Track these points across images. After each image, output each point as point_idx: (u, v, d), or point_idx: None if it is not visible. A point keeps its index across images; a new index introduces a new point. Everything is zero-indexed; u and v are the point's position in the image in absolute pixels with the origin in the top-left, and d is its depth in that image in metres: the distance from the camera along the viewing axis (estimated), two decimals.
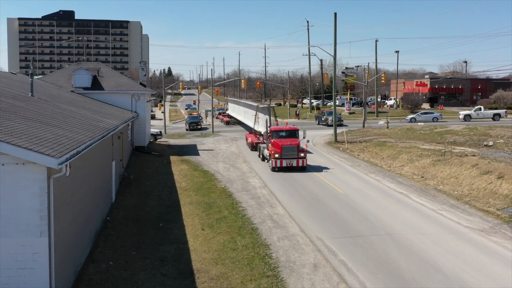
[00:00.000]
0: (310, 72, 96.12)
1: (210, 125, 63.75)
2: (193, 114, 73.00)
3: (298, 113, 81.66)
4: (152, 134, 48.18)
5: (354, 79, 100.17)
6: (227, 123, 71.01)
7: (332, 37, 47.64)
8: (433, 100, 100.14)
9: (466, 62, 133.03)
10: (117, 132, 24.67)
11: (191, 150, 43.10)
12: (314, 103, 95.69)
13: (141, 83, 46.08)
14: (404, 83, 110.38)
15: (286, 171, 31.36)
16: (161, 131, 52.93)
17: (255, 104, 48.81)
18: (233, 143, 47.53)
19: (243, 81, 73.06)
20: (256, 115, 45.05)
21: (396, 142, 42.22)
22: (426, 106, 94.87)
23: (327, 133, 54.46)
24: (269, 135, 34.27)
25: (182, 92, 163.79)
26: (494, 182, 24.57)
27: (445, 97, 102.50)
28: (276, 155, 31.70)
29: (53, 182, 11.41)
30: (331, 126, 54.03)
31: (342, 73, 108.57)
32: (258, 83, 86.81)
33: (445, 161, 30.48)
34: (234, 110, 68.21)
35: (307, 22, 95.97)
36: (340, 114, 70.61)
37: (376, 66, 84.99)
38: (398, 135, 48.12)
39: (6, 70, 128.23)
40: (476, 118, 68.41)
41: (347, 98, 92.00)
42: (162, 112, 67.34)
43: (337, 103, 70.41)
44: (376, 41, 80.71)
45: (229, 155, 39.81)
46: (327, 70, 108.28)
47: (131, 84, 43.21)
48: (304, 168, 31.88)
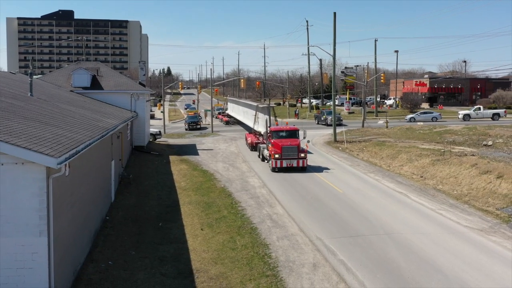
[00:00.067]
0: (309, 71, 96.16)
1: (209, 124, 63.76)
2: (192, 113, 73.01)
3: (297, 112, 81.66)
4: (151, 134, 48.16)
5: (353, 79, 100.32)
6: (227, 123, 70.97)
7: (331, 36, 47.75)
8: (432, 99, 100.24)
9: (465, 61, 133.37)
10: (116, 131, 24.67)
11: (191, 149, 43.10)
12: (314, 103, 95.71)
13: (140, 83, 46.07)
14: (403, 83, 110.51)
15: (286, 172, 31.35)
16: (160, 131, 52.92)
17: (255, 104, 48.71)
18: (232, 143, 47.53)
19: (243, 80, 72.91)
20: (255, 115, 44.98)
21: (395, 141, 42.23)
22: (425, 105, 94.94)
23: (327, 132, 54.46)
24: (269, 135, 34.11)
25: (182, 91, 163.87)
26: (493, 181, 24.59)
27: (444, 96, 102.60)
28: (276, 156, 31.56)
29: (52, 182, 11.40)
30: (331, 125, 54.09)
31: (342, 72, 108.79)
32: (258, 83, 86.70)
33: (444, 160, 30.50)
34: (233, 110, 68.15)
35: (307, 21, 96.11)
36: (339, 114, 70.63)
37: (375, 66, 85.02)
38: (398, 135, 48.12)
39: (5, 70, 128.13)
40: (475, 118, 68.45)
41: (347, 98, 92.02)
42: (162, 111, 67.31)
43: (336, 103, 70.56)
44: (375, 40, 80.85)
45: (228, 155, 39.81)
46: (327, 69, 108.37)
47: (131, 83, 43.20)
48: (304, 168, 31.79)
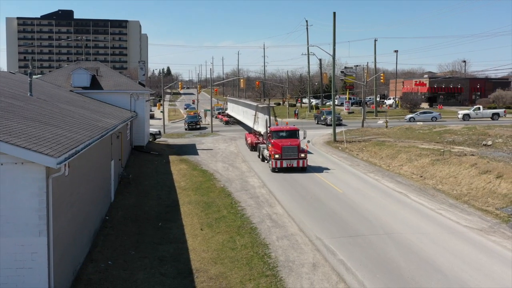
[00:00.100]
0: (309, 71, 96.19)
1: (209, 124, 63.75)
2: (192, 113, 73.00)
3: (297, 112, 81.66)
4: (151, 134, 48.18)
5: (353, 79, 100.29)
6: (227, 123, 70.94)
7: (331, 36, 47.79)
8: (432, 99, 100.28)
9: (465, 61, 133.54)
10: (116, 131, 24.67)
11: (190, 149, 43.09)
12: (313, 103, 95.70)
13: (140, 83, 46.05)
14: (403, 83, 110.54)
15: (286, 172, 31.28)
16: (160, 131, 52.94)
17: (255, 103, 48.62)
18: (232, 143, 47.53)
19: (242, 80, 72.88)
20: (255, 115, 44.92)
21: (395, 141, 42.23)
22: (425, 105, 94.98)
23: (326, 132, 54.46)
24: (269, 136, 34.00)
25: (181, 91, 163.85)
26: (493, 181, 24.58)
27: (444, 96, 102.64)
28: (276, 156, 31.45)
29: (52, 182, 11.40)
30: (330, 125, 54.09)
31: (341, 72, 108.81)
32: (257, 83, 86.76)
33: (444, 160, 30.50)
34: (233, 109, 68.10)
35: (306, 21, 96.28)
36: (339, 114, 70.67)
37: (375, 66, 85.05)
38: (397, 135, 48.12)
39: (5, 70, 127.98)
40: (475, 118, 68.48)
41: (346, 98, 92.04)
42: (161, 111, 67.31)
43: (336, 103, 70.59)
44: (375, 40, 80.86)
45: (228, 155, 39.80)
46: (326, 69, 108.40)
47: (130, 83, 43.20)
48: (304, 169, 31.68)
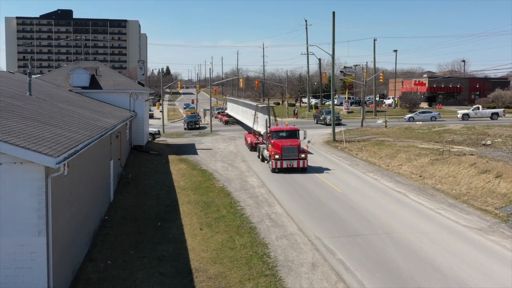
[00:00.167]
0: (308, 71, 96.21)
1: (208, 124, 63.74)
2: (191, 113, 72.98)
3: (296, 112, 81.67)
4: (150, 133, 48.17)
5: (352, 78, 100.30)
6: (226, 123, 70.91)
7: (330, 36, 47.73)
8: (431, 99, 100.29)
9: (464, 61, 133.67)
10: (115, 131, 24.66)
11: (190, 149, 43.09)
12: (313, 102, 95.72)
13: (139, 82, 46.05)
14: (402, 82, 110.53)
15: (286, 172, 31.18)
16: (159, 130, 52.93)
17: (254, 103, 48.52)
18: (231, 143, 47.52)
19: (242, 80, 72.89)
20: (255, 115, 44.81)
21: (394, 141, 42.25)
22: (424, 105, 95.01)
23: (326, 132, 54.47)
24: (269, 136, 33.83)
25: (181, 91, 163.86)
26: (492, 181, 24.60)
27: (443, 96, 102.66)
28: (276, 156, 31.24)
29: (51, 181, 11.40)
30: (330, 125, 54.09)
31: (341, 72, 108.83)
32: (257, 82, 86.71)
33: (443, 160, 30.51)
34: (233, 109, 68.05)
35: (306, 21, 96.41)
36: (338, 113, 70.69)
37: (374, 65, 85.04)
38: (396, 134, 48.15)
39: (4, 69, 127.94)
40: (474, 117, 68.52)
41: (346, 97, 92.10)
42: (161, 111, 67.27)
43: (335, 102, 70.59)
44: (374, 40, 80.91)
45: (227, 154, 39.80)
46: (326, 69, 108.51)
47: (129, 83, 43.19)
48: (305, 169, 31.49)
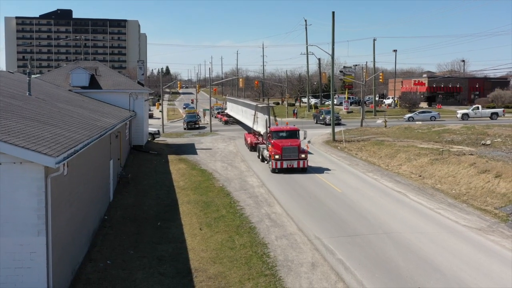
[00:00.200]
0: (308, 71, 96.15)
1: (208, 124, 63.73)
2: (190, 112, 72.99)
3: (296, 112, 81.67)
4: (150, 133, 48.17)
5: (352, 78, 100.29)
6: (226, 122, 70.89)
7: (330, 36, 47.74)
8: (431, 99, 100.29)
9: (464, 61, 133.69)
10: (115, 131, 24.65)
11: (189, 149, 43.08)
12: (312, 102, 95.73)
13: (139, 82, 46.01)
14: (402, 82, 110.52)
15: (286, 172, 31.09)
16: (159, 130, 52.94)
17: (254, 103, 48.46)
18: (231, 142, 47.52)
19: (241, 80, 72.82)
20: (255, 115, 44.74)
21: (394, 141, 42.25)
22: (424, 105, 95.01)
23: (325, 132, 54.47)
24: (269, 136, 33.72)
25: (180, 91, 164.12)
26: (492, 181, 24.60)
27: (443, 96, 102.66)
28: (276, 156, 31.09)
29: (50, 181, 11.39)
30: (329, 125, 54.10)
31: (340, 72, 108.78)
32: (256, 82, 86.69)
33: (442, 160, 30.52)
34: (232, 109, 68.02)
35: (305, 21, 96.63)
36: (338, 113, 70.73)
37: (374, 65, 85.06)
38: (396, 134, 48.15)
39: (4, 69, 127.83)
40: (473, 117, 68.55)
41: (345, 97, 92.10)
42: (160, 111, 67.27)
43: (335, 102, 70.54)
44: (374, 40, 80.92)
45: (227, 154, 39.79)
46: (325, 69, 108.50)
47: (129, 83, 43.18)
48: (305, 169, 31.36)
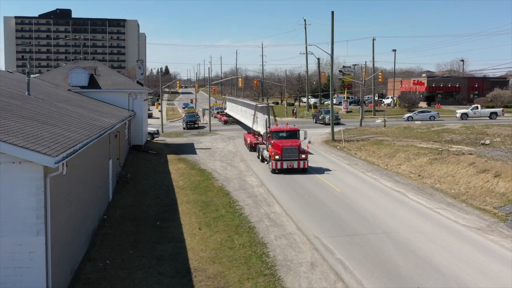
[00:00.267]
0: (307, 70, 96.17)
1: (207, 124, 63.71)
2: (190, 112, 72.96)
3: (295, 111, 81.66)
4: (149, 133, 48.14)
5: (351, 78, 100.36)
6: (225, 122, 70.84)
7: (329, 35, 47.81)
8: (430, 98, 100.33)
9: (463, 60, 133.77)
10: (114, 131, 24.64)
11: (188, 148, 43.07)
12: (312, 102, 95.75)
13: (138, 82, 45.97)
14: (401, 82, 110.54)
15: (286, 172, 30.97)
16: (158, 130, 52.92)
17: (254, 103, 48.37)
18: (230, 142, 47.51)
19: (241, 79, 72.98)
20: (254, 115, 44.67)
21: (393, 140, 42.26)
22: (423, 104, 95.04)
23: (325, 131, 54.48)
24: (269, 136, 33.55)
25: (179, 90, 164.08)
26: (491, 180, 24.62)
27: (442, 95, 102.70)
28: (276, 157, 30.85)
29: (49, 181, 11.38)
30: (328, 124, 54.10)
31: (340, 71, 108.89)
32: (256, 82, 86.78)
33: (442, 159, 30.53)
34: (232, 109, 67.97)
35: (304, 20, 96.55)
36: (337, 113, 70.68)
37: (373, 65, 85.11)
38: (395, 134, 48.16)
39: (3, 69, 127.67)
40: (473, 117, 68.57)
41: (345, 97, 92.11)
42: (159, 110, 67.27)
43: (334, 102, 70.52)
44: (373, 39, 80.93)
45: (226, 154, 39.79)
46: (325, 68, 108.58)
47: (128, 82, 43.15)
48: (305, 170, 31.09)
